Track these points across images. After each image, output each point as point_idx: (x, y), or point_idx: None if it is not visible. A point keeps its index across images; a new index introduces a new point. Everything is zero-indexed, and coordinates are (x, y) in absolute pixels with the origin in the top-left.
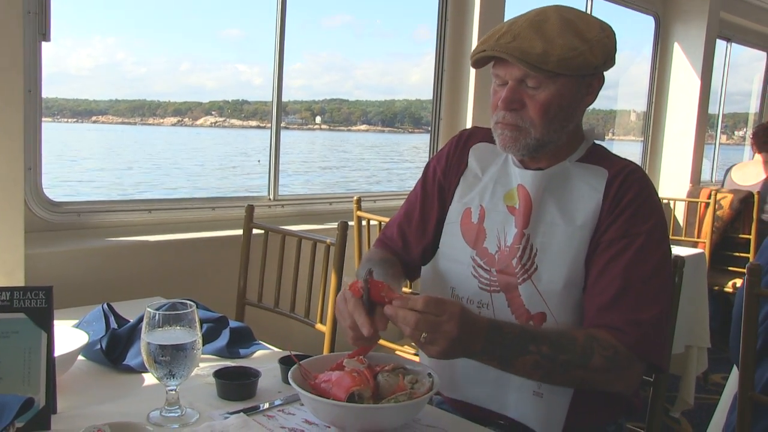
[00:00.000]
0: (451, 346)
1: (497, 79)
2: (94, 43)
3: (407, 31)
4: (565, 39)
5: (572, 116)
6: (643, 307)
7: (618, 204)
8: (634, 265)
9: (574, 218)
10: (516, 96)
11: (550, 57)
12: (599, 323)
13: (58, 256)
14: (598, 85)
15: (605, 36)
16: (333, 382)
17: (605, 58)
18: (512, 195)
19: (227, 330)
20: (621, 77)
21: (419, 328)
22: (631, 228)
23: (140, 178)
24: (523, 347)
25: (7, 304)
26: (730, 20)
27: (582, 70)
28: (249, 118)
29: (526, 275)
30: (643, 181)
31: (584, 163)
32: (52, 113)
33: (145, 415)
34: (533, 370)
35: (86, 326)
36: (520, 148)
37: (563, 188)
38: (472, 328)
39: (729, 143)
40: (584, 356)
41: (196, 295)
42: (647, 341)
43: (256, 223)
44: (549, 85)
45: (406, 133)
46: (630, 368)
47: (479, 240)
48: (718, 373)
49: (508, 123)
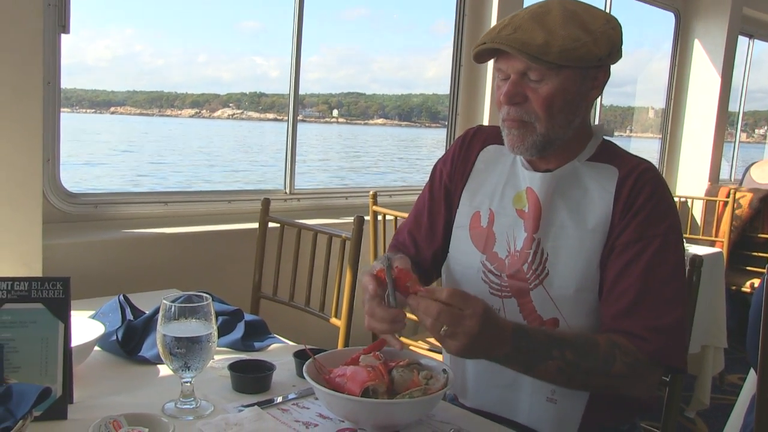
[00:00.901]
0: (471, 344)
1: (500, 74)
2: (112, 34)
3: (425, 25)
4: (567, 30)
5: (578, 110)
6: (664, 312)
7: (632, 206)
8: (651, 269)
9: (585, 221)
10: (518, 89)
11: (551, 48)
12: (618, 330)
13: (75, 248)
14: (603, 78)
15: (610, 28)
16: (348, 377)
17: (610, 50)
18: (521, 198)
19: (242, 323)
20: (640, 74)
21: (440, 320)
22: (646, 230)
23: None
24: (548, 353)
25: (26, 294)
26: (753, 16)
27: (586, 62)
28: (266, 111)
29: (537, 281)
30: (656, 181)
31: (594, 162)
32: (71, 104)
33: (160, 407)
34: (555, 375)
35: (102, 317)
36: (528, 147)
37: (573, 190)
38: (496, 330)
39: (749, 141)
40: (606, 363)
41: (211, 288)
42: (668, 348)
43: (272, 217)
44: (552, 77)
45: (423, 127)
46: (650, 374)
47: (489, 244)
48: (735, 373)
49: (513, 119)
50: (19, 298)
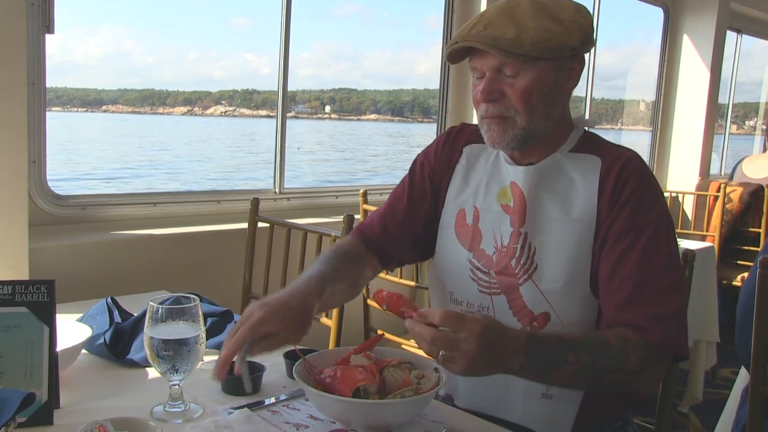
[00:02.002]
0: (473, 365)
1: (475, 72)
2: (101, 32)
3: (417, 20)
4: (538, 22)
5: (556, 102)
6: (663, 299)
7: (619, 196)
8: (647, 258)
9: (570, 212)
10: (494, 86)
11: (523, 41)
12: (621, 322)
13: (63, 250)
14: (579, 68)
15: (581, 17)
16: (338, 378)
17: (582, 39)
18: (505, 193)
19: (232, 324)
20: (631, 67)
21: (436, 345)
22: (637, 219)
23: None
24: (563, 358)
25: (9, 297)
26: (741, 11)
27: (559, 53)
28: (259, 108)
29: (526, 275)
30: (641, 170)
31: (576, 153)
32: (62, 102)
33: (148, 410)
34: (573, 380)
35: (90, 320)
36: (509, 141)
37: (557, 182)
38: (505, 343)
39: (740, 133)
40: (620, 360)
41: (201, 289)
42: (672, 335)
43: (262, 217)
44: (527, 71)
45: (415, 122)
46: (660, 365)
47: (475, 242)
48: (727, 367)
49: (493, 115)
50: (3, 301)
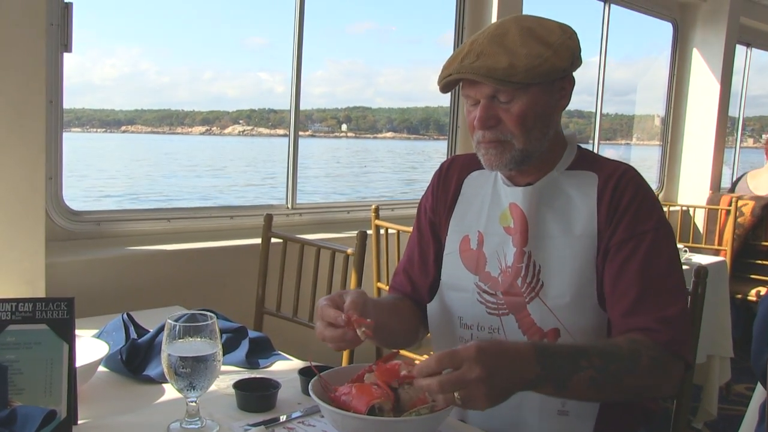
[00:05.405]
0: (491, 390)
1: (468, 100)
2: (117, 53)
3: (431, 37)
4: (528, 48)
5: (550, 122)
6: (668, 303)
7: (617, 208)
8: (649, 264)
9: (571, 228)
10: (490, 113)
11: (517, 69)
12: (628, 328)
13: (79, 265)
14: (570, 87)
15: (567, 37)
16: (353, 395)
17: (572, 60)
18: (506, 215)
19: (246, 340)
20: (640, 81)
21: (446, 390)
22: (636, 228)
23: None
24: (576, 364)
25: (30, 315)
26: (751, 25)
27: (551, 76)
28: (276, 126)
29: (533, 293)
30: (637, 180)
31: (573, 171)
32: (81, 123)
33: (165, 427)
34: (589, 386)
35: (106, 336)
36: (507, 162)
37: (556, 200)
38: (510, 359)
39: (756, 147)
40: (633, 360)
41: (214, 304)
42: (679, 338)
43: (275, 232)
44: (521, 96)
45: (431, 139)
46: (672, 366)
47: (480, 265)
48: (742, 383)
49: (490, 140)
50: (24, 319)
